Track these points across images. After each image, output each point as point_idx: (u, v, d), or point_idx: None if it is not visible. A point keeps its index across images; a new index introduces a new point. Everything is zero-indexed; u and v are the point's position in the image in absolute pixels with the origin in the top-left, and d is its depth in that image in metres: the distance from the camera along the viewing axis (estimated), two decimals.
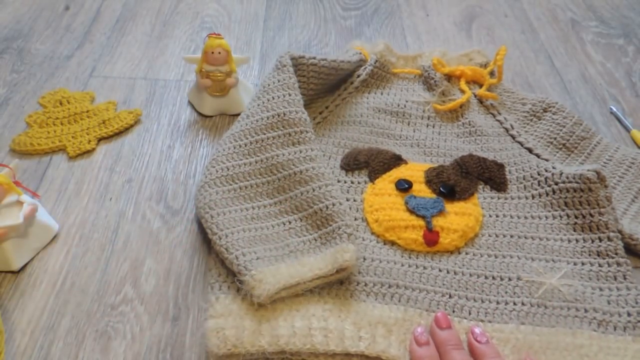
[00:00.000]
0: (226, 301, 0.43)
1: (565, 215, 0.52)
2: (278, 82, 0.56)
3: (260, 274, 0.42)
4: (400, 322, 0.43)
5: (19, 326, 0.45)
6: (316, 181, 0.50)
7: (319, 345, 0.41)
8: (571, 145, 0.60)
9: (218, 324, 0.41)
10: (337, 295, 0.44)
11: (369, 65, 0.66)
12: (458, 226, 0.50)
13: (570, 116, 0.62)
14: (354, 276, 0.46)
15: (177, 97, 0.68)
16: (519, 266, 0.48)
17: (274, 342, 0.41)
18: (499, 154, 0.59)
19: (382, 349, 0.41)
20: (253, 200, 0.51)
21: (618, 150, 0.61)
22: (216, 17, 0.82)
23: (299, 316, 0.42)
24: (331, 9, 0.86)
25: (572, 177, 0.52)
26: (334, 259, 0.43)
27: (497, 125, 0.62)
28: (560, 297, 0.46)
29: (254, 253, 0.45)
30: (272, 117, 0.54)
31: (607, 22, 0.86)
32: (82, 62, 0.72)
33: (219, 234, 0.46)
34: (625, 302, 0.46)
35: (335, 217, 0.47)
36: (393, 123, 0.62)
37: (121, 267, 0.49)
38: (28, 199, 0.48)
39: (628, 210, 0.56)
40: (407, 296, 0.45)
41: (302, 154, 0.52)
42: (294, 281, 0.42)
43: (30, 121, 0.62)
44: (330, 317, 0.42)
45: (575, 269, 0.48)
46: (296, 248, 0.47)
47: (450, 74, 0.67)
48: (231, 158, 0.52)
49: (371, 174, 0.55)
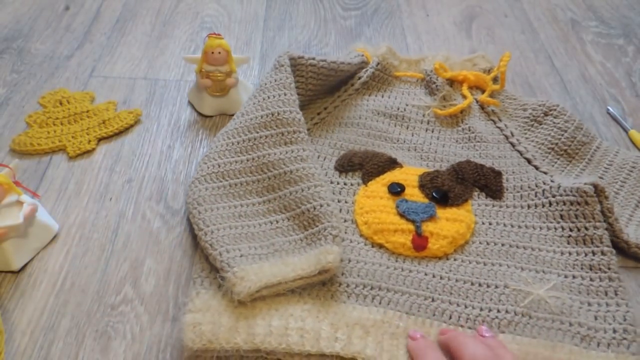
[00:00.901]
0: (206, 296, 0.44)
1: (560, 228, 0.51)
2: (275, 81, 0.56)
3: (243, 272, 0.42)
4: (379, 323, 0.43)
5: (19, 326, 0.45)
6: (306, 181, 0.50)
7: (295, 345, 0.41)
8: (572, 151, 0.59)
9: (195, 318, 0.42)
10: (318, 296, 0.45)
11: (371, 67, 0.66)
12: (448, 232, 0.50)
13: (572, 120, 0.61)
14: (336, 277, 0.46)
15: (177, 97, 0.68)
16: (507, 275, 0.48)
17: (249, 339, 0.41)
18: (497, 161, 0.58)
19: (358, 350, 0.41)
20: (242, 198, 0.51)
21: (618, 155, 0.61)
22: (216, 17, 0.82)
23: (277, 315, 0.43)
24: (331, 9, 0.86)
25: (570, 191, 0.51)
26: (317, 260, 0.43)
27: (497, 132, 0.62)
28: (545, 309, 0.45)
29: (238, 250, 0.45)
30: (266, 116, 0.54)
31: (607, 22, 0.86)
32: (82, 62, 0.72)
33: (205, 230, 0.47)
34: (613, 318, 0.45)
35: (322, 218, 0.47)
36: (391, 126, 0.62)
37: (121, 267, 0.49)
38: (28, 199, 0.48)
39: (633, 216, 0.55)
40: (388, 298, 0.45)
41: (294, 153, 0.52)
42: (275, 280, 0.42)
43: (30, 121, 0.62)
44: (309, 317, 0.43)
45: (566, 281, 0.47)
46: (281, 247, 0.47)
47: (453, 78, 0.66)
48: (223, 155, 0.52)
49: (365, 176, 0.55)
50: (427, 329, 0.43)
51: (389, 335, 0.42)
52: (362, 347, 0.41)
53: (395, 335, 0.43)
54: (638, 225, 0.54)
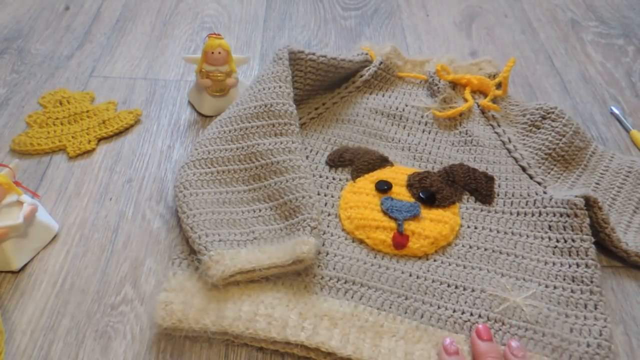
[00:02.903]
0: (182, 277, 0.45)
1: (547, 238, 0.51)
2: (271, 74, 0.56)
3: (219, 256, 0.43)
4: (348, 316, 0.43)
5: (19, 326, 0.45)
6: (291, 173, 0.50)
7: (261, 331, 0.42)
8: (569, 157, 0.59)
9: (168, 297, 0.43)
10: (292, 286, 0.45)
11: (373, 66, 0.66)
12: (430, 233, 0.50)
13: (570, 124, 0.60)
14: (312, 269, 0.46)
15: (177, 97, 0.68)
16: (486, 279, 0.47)
17: (218, 322, 0.42)
18: (492, 166, 0.58)
19: (322, 340, 0.41)
20: (228, 185, 0.52)
21: (613, 159, 0.60)
22: (216, 17, 0.82)
23: (249, 301, 0.43)
24: (331, 9, 0.86)
25: (560, 202, 0.51)
26: (293, 250, 0.44)
27: (494, 137, 0.61)
28: (521, 317, 0.44)
29: (218, 235, 0.46)
30: (259, 107, 0.55)
31: (607, 22, 0.86)
32: (82, 62, 0.72)
33: (187, 213, 0.47)
34: (589, 332, 0.44)
35: (303, 209, 0.47)
36: (388, 125, 0.62)
37: (121, 267, 0.49)
38: (28, 199, 0.48)
39: (631, 222, 0.55)
40: (360, 293, 0.45)
41: (283, 145, 0.52)
42: (250, 267, 0.43)
43: (30, 121, 0.62)
44: (279, 305, 0.43)
45: (546, 291, 0.47)
46: (261, 235, 0.47)
47: (456, 81, 0.66)
48: (214, 142, 0.53)
49: (354, 172, 0.55)
50: (397, 325, 0.43)
51: (357, 328, 0.43)
52: (327, 338, 0.42)
53: (363, 329, 0.43)
54: (637, 232, 0.54)
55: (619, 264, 0.52)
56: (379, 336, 0.43)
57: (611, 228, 0.51)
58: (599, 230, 0.51)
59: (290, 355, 0.44)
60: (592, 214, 0.51)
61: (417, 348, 0.42)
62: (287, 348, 0.43)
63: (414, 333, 0.43)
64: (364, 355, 0.41)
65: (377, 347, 0.42)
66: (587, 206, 0.51)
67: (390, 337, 0.43)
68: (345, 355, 0.41)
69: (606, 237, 0.51)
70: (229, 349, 0.44)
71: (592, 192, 0.52)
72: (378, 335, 0.43)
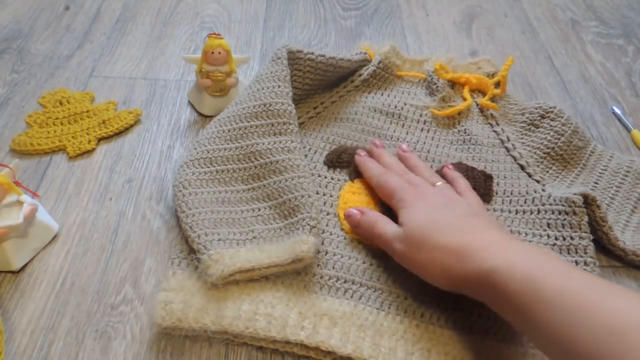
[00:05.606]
0: (181, 277, 0.45)
1: (545, 236, 0.50)
2: (270, 73, 0.56)
3: (218, 255, 0.43)
4: (348, 315, 0.43)
5: (19, 326, 0.45)
6: (290, 172, 0.50)
7: (261, 330, 0.42)
8: (568, 156, 0.59)
9: (168, 297, 0.43)
10: (291, 285, 0.45)
11: (372, 65, 0.66)
12: None
13: (569, 123, 0.59)
14: (311, 268, 0.46)
15: (177, 97, 0.68)
16: None
17: (217, 321, 0.42)
18: (490, 165, 0.58)
19: (322, 340, 0.41)
20: (227, 185, 0.52)
21: (612, 159, 0.60)
22: (216, 17, 0.82)
23: (248, 300, 0.43)
24: (331, 9, 0.86)
25: (559, 200, 0.51)
26: (292, 249, 0.44)
27: (493, 136, 0.61)
28: None
29: (217, 234, 0.46)
30: (258, 107, 0.55)
31: (607, 22, 0.86)
32: (82, 62, 0.72)
33: (187, 212, 0.47)
34: None
35: (302, 208, 0.47)
36: (387, 124, 0.62)
37: (121, 267, 0.49)
38: (28, 199, 0.48)
39: (629, 221, 0.55)
40: (360, 293, 0.45)
41: (282, 144, 0.52)
42: (249, 266, 0.43)
43: (30, 121, 0.62)
44: (279, 304, 0.43)
45: None
46: (260, 235, 0.47)
47: (455, 80, 0.66)
48: (213, 142, 0.53)
49: (352, 173, 0.55)
50: (397, 325, 0.44)
51: (357, 327, 0.43)
52: (327, 337, 0.42)
53: (362, 328, 0.43)
54: (635, 231, 0.54)
55: (619, 264, 0.52)
56: (379, 335, 0.43)
57: (609, 226, 0.51)
58: (597, 228, 0.51)
59: (290, 354, 0.44)
60: (590, 212, 0.51)
61: (417, 348, 0.42)
62: (287, 347, 0.43)
63: (414, 332, 0.43)
64: (364, 354, 0.41)
65: (378, 346, 0.42)
66: (585, 204, 0.51)
67: (390, 336, 0.43)
68: (345, 354, 0.41)
69: (603, 236, 0.51)
70: (229, 349, 0.44)
71: (591, 191, 0.52)
72: (378, 334, 0.43)
